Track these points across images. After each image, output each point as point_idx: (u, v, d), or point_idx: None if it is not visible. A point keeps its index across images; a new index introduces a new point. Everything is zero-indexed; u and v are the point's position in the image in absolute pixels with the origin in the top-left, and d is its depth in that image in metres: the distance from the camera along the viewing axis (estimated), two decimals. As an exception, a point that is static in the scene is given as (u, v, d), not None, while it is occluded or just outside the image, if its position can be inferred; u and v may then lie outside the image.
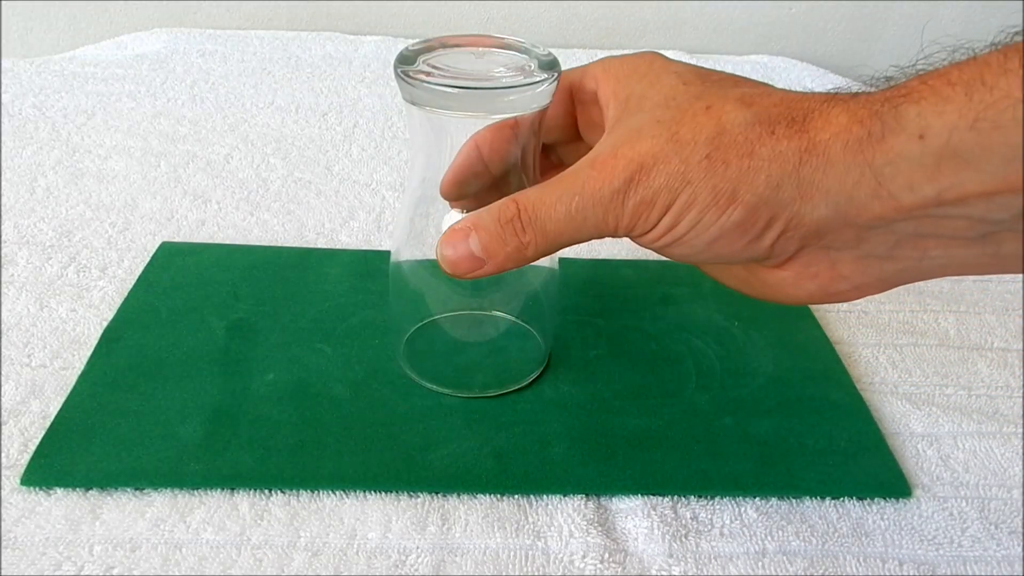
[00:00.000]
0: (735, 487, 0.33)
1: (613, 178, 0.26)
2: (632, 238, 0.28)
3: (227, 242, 0.48)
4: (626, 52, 0.31)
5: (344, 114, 0.69)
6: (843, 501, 0.33)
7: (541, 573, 0.29)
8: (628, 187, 0.26)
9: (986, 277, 0.49)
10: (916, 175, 0.22)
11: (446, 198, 0.33)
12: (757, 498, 0.33)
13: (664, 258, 0.29)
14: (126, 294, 0.42)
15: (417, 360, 0.38)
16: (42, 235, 0.48)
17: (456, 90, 0.28)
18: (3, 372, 0.37)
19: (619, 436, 0.35)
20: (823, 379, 0.39)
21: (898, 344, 0.43)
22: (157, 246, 0.47)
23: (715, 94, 0.26)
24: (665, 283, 0.46)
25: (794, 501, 0.33)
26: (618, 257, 0.48)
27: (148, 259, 0.45)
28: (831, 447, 0.35)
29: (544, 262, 0.35)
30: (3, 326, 0.40)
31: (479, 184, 0.32)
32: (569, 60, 0.84)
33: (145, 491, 0.31)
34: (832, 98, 0.25)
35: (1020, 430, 0.37)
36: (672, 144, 0.25)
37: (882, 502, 0.33)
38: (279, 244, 0.49)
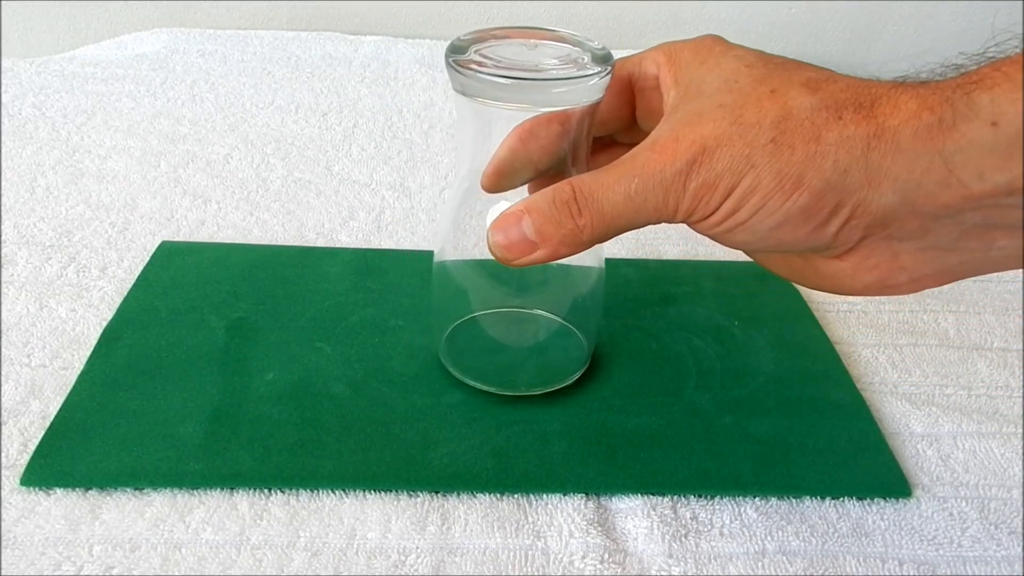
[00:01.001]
0: (735, 487, 0.33)
1: (675, 160, 0.25)
2: (690, 223, 0.27)
3: (227, 242, 0.48)
4: (687, 38, 0.30)
5: (344, 114, 0.69)
6: (843, 501, 0.33)
7: (541, 573, 0.29)
8: (690, 169, 0.25)
9: (986, 277, 0.49)
10: (988, 163, 0.22)
11: (486, 190, 0.32)
12: (757, 498, 0.33)
13: (663, 260, 0.28)
14: (126, 294, 0.42)
15: (458, 357, 0.37)
16: (42, 235, 0.48)
17: (506, 80, 0.28)
18: (3, 372, 0.37)
19: (619, 435, 0.35)
20: (823, 379, 0.39)
21: (898, 344, 0.43)
22: (157, 246, 0.47)
23: (779, 78, 0.26)
24: (665, 283, 0.46)
25: (794, 501, 0.33)
26: (619, 256, 0.48)
27: (148, 259, 0.45)
28: (831, 447, 0.35)
29: (590, 260, 0.35)
30: (3, 326, 0.40)
31: (521, 178, 0.31)
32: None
33: (145, 491, 0.31)
34: (900, 85, 0.24)
35: (1020, 430, 0.37)
36: (736, 127, 0.25)
37: (882, 502, 0.33)
38: (279, 244, 0.49)
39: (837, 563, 0.30)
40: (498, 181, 0.31)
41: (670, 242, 0.51)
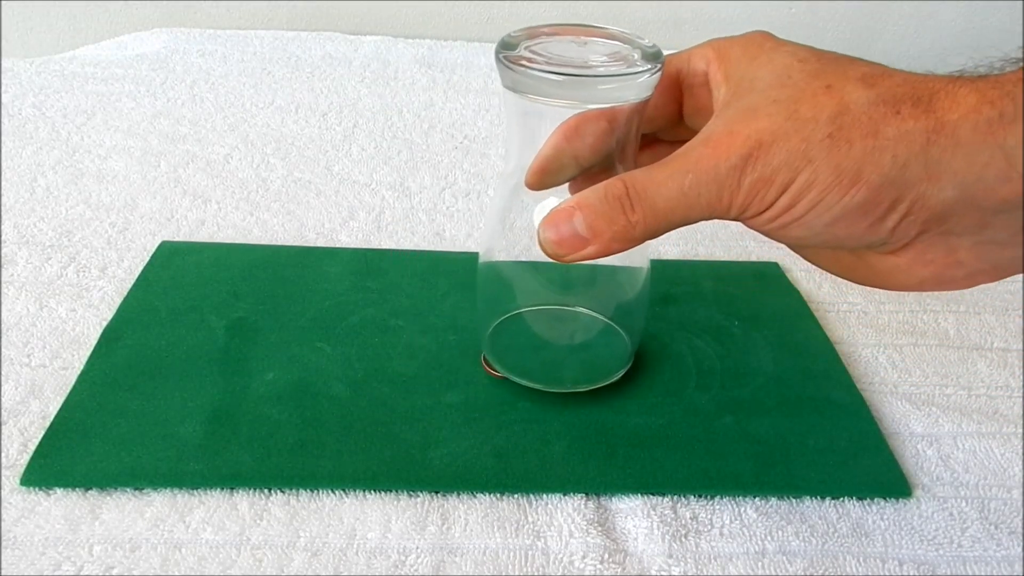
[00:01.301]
0: (735, 487, 0.33)
1: (729, 155, 0.25)
2: (744, 219, 0.27)
3: (227, 242, 0.48)
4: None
5: (344, 114, 0.69)
6: (843, 501, 0.33)
7: (541, 573, 0.29)
8: (745, 164, 0.25)
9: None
10: None
11: (530, 188, 0.32)
12: (757, 498, 0.33)
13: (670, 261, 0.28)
14: (126, 294, 0.42)
15: (503, 353, 0.37)
16: (42, 235, 0.48)
17: (556, 77, 0.28)
18: (3, 372, 0.37)
19: (619, 435, 0.35)
20: (823, 379, 0.39)
21: (898, 344, 0.43)
22: (157, 246, 0.47)
23: (834, 73, 0.26)
24: (665, 283, 0.46)
25: (794, 501, 0.33)
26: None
27: (148, 259, 0.45)
28: (831, 447, 0.35)
29: (636, 260, 0.35)
30: (3, 326, 0.40)
31: (565, 175, 0.31)
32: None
33: (145, 491, 0.31)
34: (958, 79, 0.24)
35: (1020, 430, 0.37)
36: (792, 122, 0.25)
37: (882, 502, 0.33)
38: (279, 244, 0.49)
39: (837, 563, 0.30)
40: (542, 179, 0.31)
41: (670, 242, 0.51)
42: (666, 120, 0.32)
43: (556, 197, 0.32)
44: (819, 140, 0.24)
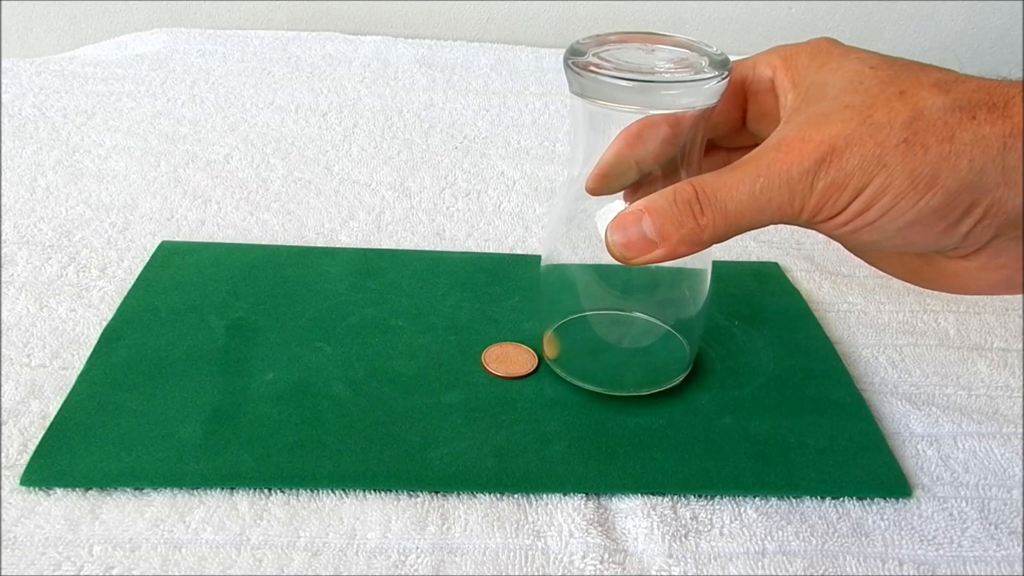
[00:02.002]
0: (735, 487, 0.33)
1: (802, 159, 0.25)
2: (814, 224, 0.27)
3: (227, 242, 0.48)
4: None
5: (344, 114, 0.69)
6: (843, 501, 0.33)
7: (541, 573, 0.29)
8: (819, 168, 0.25)
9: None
10: None
11: (591, 192, 0.32)
12: (757, 498, 0.33)
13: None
14: (126, 294, 0.42)
15: (563, 358, 0.38)
16: (42, 235, 0.48)
17: (623, 82, 0.28)
18: (3, 372, 0.37)
19: (619, 435, 0.35)
20: (823, 379, 0.39)
21: (898, 344, 0.43)
22: (157, 246, 0.47)
23: (907, 79, 0.26)
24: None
25: (794, 501, 0.33)
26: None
27: (148, 259, 0.45)
28: (831, 447, 0.35)
29: (696, 263, 0.35)
30: (3, 326, 0.40)
31: (626, 181, 0.32)
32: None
33: (145, 491, 0.31)
34: None
35: (1020, 430, 0.37)
36: (866, 127, 0.25)
37: (882, 502, 0.33)
38: (279, 244, 0.49)
39: (837, 563, 0.30)
40: (603, 183, 0.32)
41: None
42: (728, 126, 0.33)
43: (621, 200, 0.32)
44: (894, 145, 0.25)
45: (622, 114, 0.30)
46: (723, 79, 0.29)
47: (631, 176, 0.32)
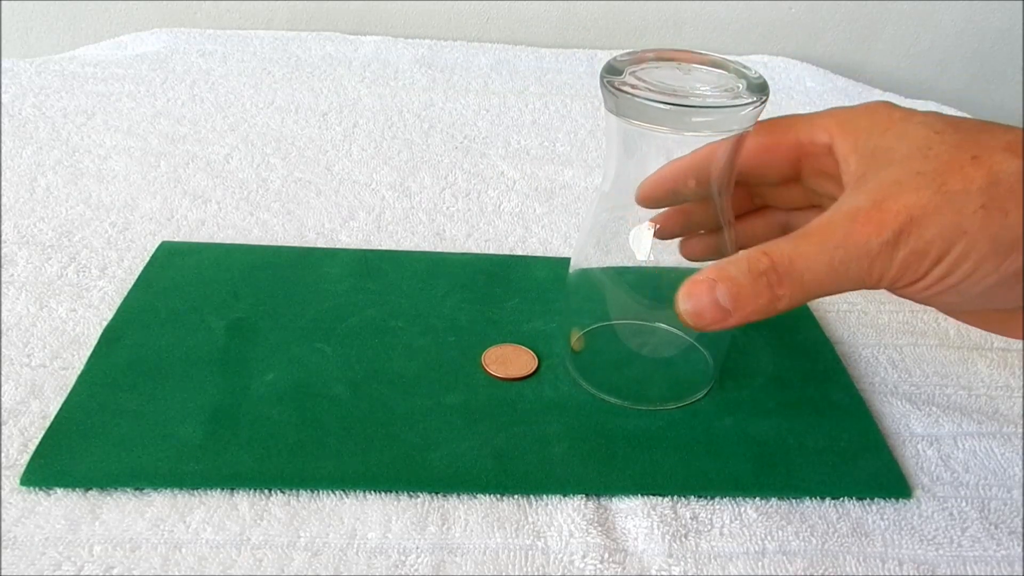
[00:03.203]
0: (735, 487, 0.33)
1: (882, 230, 0.26)
2: (894, 288, 0.27)
3: (227, 242, 0.48)
4: (855, 104, 0.31)
5: (344, 114, 0.69)
6: (843, 501, 0.33)
7: (541, 573, 0.29)
8: (898, 239, 0.26)
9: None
10: None
11: (640, 204, 0.33)
12: (757, 498, 0.33)
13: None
14: (126, 294, 0.42)
15: (588, 371, 0.38)
16: (42, 235, 0.48)
17: (657, 105, 0.28)
18: (3, 372, 0.37)
19: (619, 436, 0.35)
20: (823, 379, 0.39)
21: (898, 344, 0.43)
22: (157, 246, 0.47)
23: (977, 143, 0.26)
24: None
25: (794, 501, 0.33)
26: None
27: (148, 259, 0.45)
28: (831, 447, 0.35)
29: None
30: (3, 326, 0.40)
31: (672, 200, 0.33)
32: (569, 60, 0.84)
33: (145, 491, 0.31)
34: None
35: (1020, 430, 0.37)
36: (941, 196, 0.25)
37: (882, 502, 0.33)
38: (279, 244, 0.49)
39: (837, 563, 0.30)
40: (652, 200, 0.33)
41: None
42: (778, 175, 0.33)
43: (649, 227, 0.33)
44: (972, 212, 0.25)
45: (655, 135, 0.30)
46: (760, 104, 0.29)
47: (679, 198, 0.32)
